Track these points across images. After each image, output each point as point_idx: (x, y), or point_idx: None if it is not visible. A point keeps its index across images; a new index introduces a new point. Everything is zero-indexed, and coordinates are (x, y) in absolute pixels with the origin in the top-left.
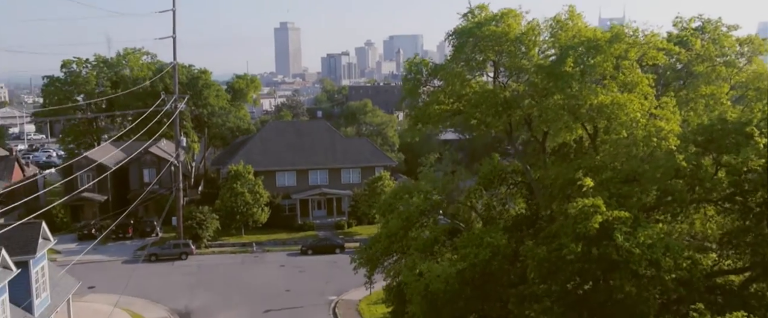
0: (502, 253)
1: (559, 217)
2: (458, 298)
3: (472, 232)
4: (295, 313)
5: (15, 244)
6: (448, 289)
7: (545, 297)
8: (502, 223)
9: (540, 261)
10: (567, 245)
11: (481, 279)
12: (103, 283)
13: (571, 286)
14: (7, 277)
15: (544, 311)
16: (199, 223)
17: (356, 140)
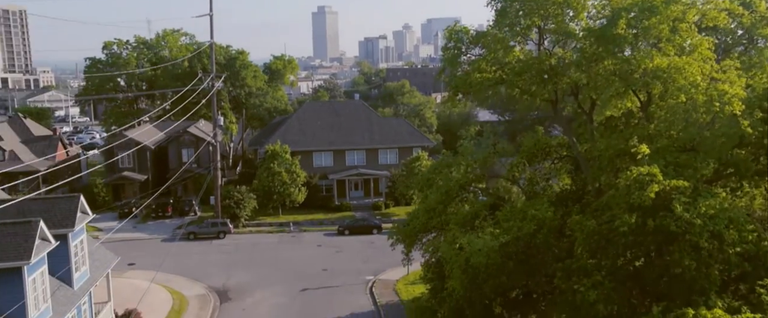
0: (548, 226)
1: (608, 190)
2: (500, 272)
3: (516, 206)
4: (332, 292)
5: (54, 217)
6: (489, 263)
7: (595, 271)
8: (547, 198)
9: (589, 234)
10: (619, 217)
11: (525, 253)
12: (143, 261)
13: (623, 261)
14: (45, 248)
15: (593, 286)
16: (237, 203)
17: (393, 120)
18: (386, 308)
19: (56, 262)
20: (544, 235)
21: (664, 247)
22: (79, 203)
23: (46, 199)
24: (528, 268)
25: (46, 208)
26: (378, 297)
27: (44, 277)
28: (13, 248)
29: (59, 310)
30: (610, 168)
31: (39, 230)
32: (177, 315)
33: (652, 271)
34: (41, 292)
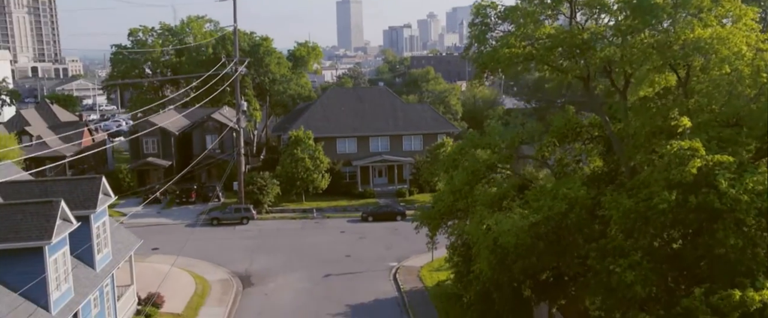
0: (581, 206)
1: (643, 170)
2: (530, 253)
3: (546, 186)
4: (355, 278)
5: (76, 198)
6: (519, 243)
7: (632, 251)
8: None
9: (625, 213)
10: (658, 194)
11: (556, 233)
12: (167, 245)
13: (661, 241)
14: (67, 229)
15: (630, 266)
16: (260, 189)
17: (418, 106)
18: (410, 295)
19: (78, 244)
20: (576, 215)
21: (707, 226)
22: (101, 184)
23: (69, 180)
24: (559, 248)
25: (68, 190)
26: (402, 283)
27: (66, 258)
28: (35, 228)
29: (81, 292)
30: (647, 146)
31: (60, 210)
32: (200, 299)
33: (693, 252)
34: (63, 273)
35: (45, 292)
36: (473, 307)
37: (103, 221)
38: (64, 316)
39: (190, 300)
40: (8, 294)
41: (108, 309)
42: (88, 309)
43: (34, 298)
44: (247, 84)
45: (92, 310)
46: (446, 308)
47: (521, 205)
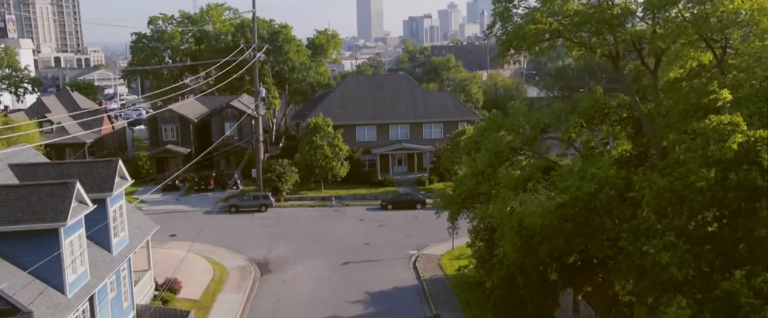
0: (611, 185)
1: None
2: (557, 234)
3: (573, 166)
4: (374, 266)
5: (92, 181)
6: (545, 225)
7: (667, 232)
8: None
9: (659, 192)
10: (695, 172)
11: (584, 214)
12: (185, 232)
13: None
14: (82, 211)
15: (665, 247)
16: (279, 176)
17: (438, 94)
18: (430, 283)
19: (94, 227)
20: (605, 195)
21: (748, 205)
22: (117, 167)
23: (85, 163)
24: (587, 230)
25: (84, 172)
26: (421, 271)
27: (82, 241)
28: (50, 209)
29: (97, 275)
30: (680, 125)
31: (76, 192)
32: (217, 285)
33: (732, 233)
34: (79, 256)
35: (60, 275)
36: (496, 293)
37: (120, 205)
38: (79, 299)
39: (207, 286)
40: (24, 276)
41: (125, 293)
42: (104, 293)
43: (50, 280)
44: (266, 72)
45: (108, 294)
46: (467, 296)
47: (547, 187)
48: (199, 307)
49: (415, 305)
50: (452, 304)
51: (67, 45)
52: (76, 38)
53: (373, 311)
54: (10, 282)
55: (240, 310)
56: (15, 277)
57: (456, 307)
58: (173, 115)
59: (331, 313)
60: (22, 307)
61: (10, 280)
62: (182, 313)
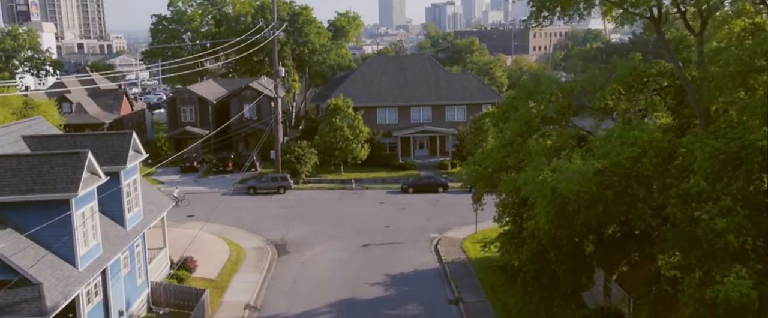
0: (655, 150)
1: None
2: (596, 202)
3: (612, 131)
4: (395, 248)
5: (105, 154)
6: (582, 192)
7: (722, 196)
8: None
9: (712, 153)
10: (755, 130)
11: (626, 181)
12: (202, 213)
13: (756, 186)
14: (94, 182)
15: (721, 213)
16: (298, 158)
17: (462, 75)
18: (452, 266)
19: (108, 201)
20: (649, 161)
21: None
22: (131, 140)
23: (98, 135)
24: (629, 198)
25: (97, 145)
26: (443, 254)
27: (94, 213)
28: (61, 179)
29: (110, 249)
30: (732, 86)
31: (87, 162)
32: (233, 265)
33: None
34: (91, 228)
35: (71, 247)
36: (526, 269)
37: (134, 179)
38: (91, 272)
39: (223, 266)
40: (35, 247)
41: (139, 270)
42: (117, 267)
43: (61, 253)
44: (285, 54)
45: (122, 269)
46: (491, 280)
47: (583, 155)
48: (215, 286)
49: (437, 288)
50: (476, 287)
51: (90, 31)
52: (99, 25)
53: (393, 293)
54: (19, 253)
55: (257, 290)
56: (25, 248)
57: (479, 291)
58: (192, 97)
59: (349, 295)
60: (31, 278)
61: (20, 251)
62: (197, 291)
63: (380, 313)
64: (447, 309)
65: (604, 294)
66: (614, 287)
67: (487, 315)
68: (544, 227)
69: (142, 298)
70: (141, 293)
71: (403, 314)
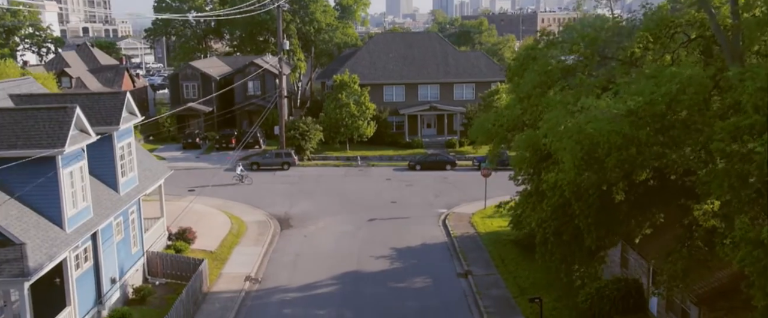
0: (696, 87)
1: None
2: (629, 143)
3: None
4: (401, 223)
5: (97, 114)
6: (613, 131)
7: None
8: None
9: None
10: None
11: (661, 122)
12: (203, 188)
13: None
14: (83, 140)
15: None
16: (303, 134)
17: (470, 53)
18: (461, 240)
19: (100, 164)
20: (689, 98)
21: None
22: (125, 100)
23: (90, 94)
24: (666, 139)
25: (89, 105)
26: (452, 229)
27: (83, 174)
28: (47, 135)
29: (101, 213)
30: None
31: (75, 117)
32: (234, 238)
33: None
34: (80, 190)
35: (58, 207)
36: (546, 225)
37: (128, 142)
38: (79, 235)
39: (224, 239)
40: (17, 206)
41: (134, 238)
42: (109, 232)
43: (47, 213)
44: (291, 32)
45: (115, 236)
46: (501, 253)
47: (612, 97)
48: (215, 258)
49: (445, 261)
50: (485, 260)
51: (96, 16)
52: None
53: (400, 266)
54: (1, 212)
55: (258, 263)
56: (7, 206)
57: (489, 264)
58: (195, 73)
59: (354, 267)
60: (13, 238)
61: (2, 209)
62: (195, 261)
63: (386, 286)
64: (456, 281)
65: (621, 265)
66: (632, 257)
67: (497, 287)
68: (569, 174)
69: (137, 268)
70: (136, 262)
71: (409, 287)
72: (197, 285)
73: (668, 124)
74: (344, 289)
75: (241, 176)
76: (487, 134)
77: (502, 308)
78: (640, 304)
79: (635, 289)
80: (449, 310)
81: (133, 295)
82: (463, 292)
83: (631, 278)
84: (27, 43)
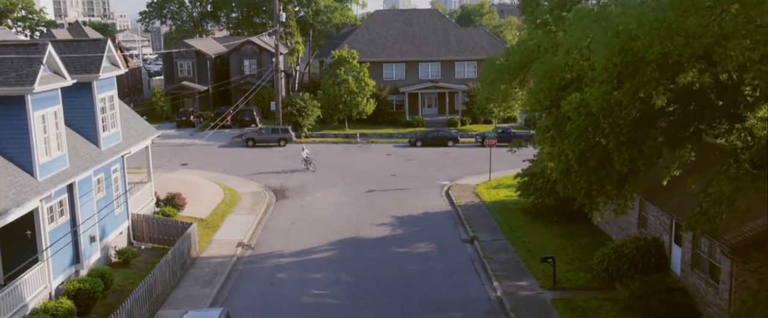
0: None
1: None
2: (672, 33)
3: None
4: (402, 193)
5: (76, 62)
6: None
7: None
8: None
9: None
10: None
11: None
12: (196, 162)
13: None
14: (57, 82)
15: None
16: (300, 111)
17: (472, 30)
18: (465, 208)
19: (79, 116)
20: None
21: None
22: (105, 48)
23: (68, 41)
24: (720, 30)
25: (66, 52)
26: (456, 199)
27: (58, 121)
28: (15, 73)
29: (79, 165)
30: None
31: (47, 55)
32: (227, 207)
33: None
34: (54, 137)
35: (28, 153)
36: (568, 150)
37: (111, 95)
38: (53, 184)
39: (216, 207)
40: None
41: (117, 199)
42: (87, 187)
43: (16, 159)
44: (289, 13)
45: (95, 193)
46: (508, 221)
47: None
48: (206, 225)
49: (450, 228)
50: (492, 226)
51: (94, 10)
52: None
53: (401, 233)
54: None
55: (251, 230)
56: None
57: (496, 230)
58: (189, 51)
59: (353, 234)
60: None
61: None
62: (183, 225)
63: (387, 251)
64: (461, 247)
65: (639, 226)
66: (651, 215)
67: (505, 251)
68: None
69: (121, 231)
70: (120, 224)
71: (411, 252)
72: (185, 248)
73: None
74: (342, 254)
75: (308, 160)
76: (498, 73)
77: (512, 271)
78: (662, 263)
79: (656, 247)
80: (455, 273)
81: (116, 258)
82: (469, 256)
83: (651, 237)
84: (20, 26)
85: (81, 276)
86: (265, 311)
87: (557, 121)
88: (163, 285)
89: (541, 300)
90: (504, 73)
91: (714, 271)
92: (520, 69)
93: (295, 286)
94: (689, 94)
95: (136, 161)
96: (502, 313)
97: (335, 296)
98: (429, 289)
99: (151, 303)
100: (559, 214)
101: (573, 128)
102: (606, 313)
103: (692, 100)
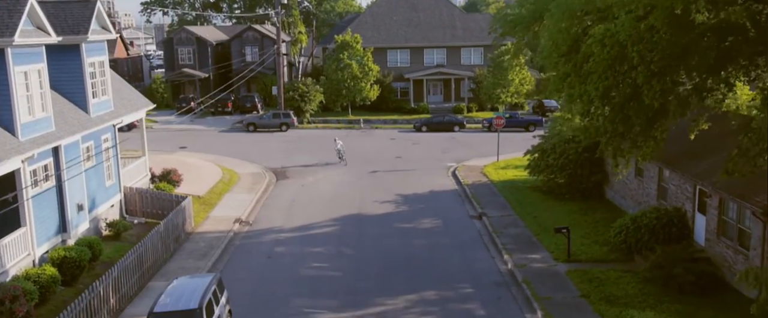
0: None
1: None
2: None
3: None
4: (407, 174)
5: (63, 23)
6: None
7: None
8: None
9: None
10: None
11: None
12: (196, 145)
13: None
14: (40, 37)
15: None
16: (302, 96)
17: (478, 15)
18: (473, 187)
19: (67, 79)
20: None
21: None
22: (95, 9)
23: (55, 2)
24: None
25: (53, 13)
26: (462, 178)
27: (43, 80)
28: None
29: (65, 128)
30: None
31: (29, 7)
32: (226, 186)
33: None
34: (38, 96)
35: (9, 110)
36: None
37: (101, 60)
38: (36, 145)
39: (214, 186)
40: None
41: (108, 170)
42: (74, 152)
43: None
44: (292, 2)
45: (83, 161)
46: (518, 198)
47: None
48: (203, 202)
49: (457, 205)
50: (500, 204)
51: None
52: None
53: (406, 210)
54: None
55: (250, 208)
56: None
57: (505, 207)
58: (190, 37)
59: (356, 211)
60: None
61: None
62: (178, 198)
63: (391, 226)
64: (469, 222)
65: (658, 197)
66: (672, 184)
67: (515, 226)
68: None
69: (113, 203)
70: (111, 197)
71: (417, 227)
72: (179, 220)
73: None
74: (345, 229)
75: (341, 152)
76: (510, 24)
77: (523, 244)
78: (684, 233)
79: (678, 217)
80: (463, 247)
81: (106, 231)
82: (478, 231)
83: (672, 207)
84: None
85: (68, 245)
86: (262, 284)
87: (576, 65)
88: (154, 256)
89: (555, 272)
90: (516, 25)
91: (743, 237)
92: (534, 20)
93: (294, 260)
94: (726, 28)
95: (133, 145)
96: (513, 284)
97: (336, 269)
98: (435, 261)
99: (142, 274)
100: (572, 191)
101: (596, 64)
102: (626, 284)
103: (729, 35)
